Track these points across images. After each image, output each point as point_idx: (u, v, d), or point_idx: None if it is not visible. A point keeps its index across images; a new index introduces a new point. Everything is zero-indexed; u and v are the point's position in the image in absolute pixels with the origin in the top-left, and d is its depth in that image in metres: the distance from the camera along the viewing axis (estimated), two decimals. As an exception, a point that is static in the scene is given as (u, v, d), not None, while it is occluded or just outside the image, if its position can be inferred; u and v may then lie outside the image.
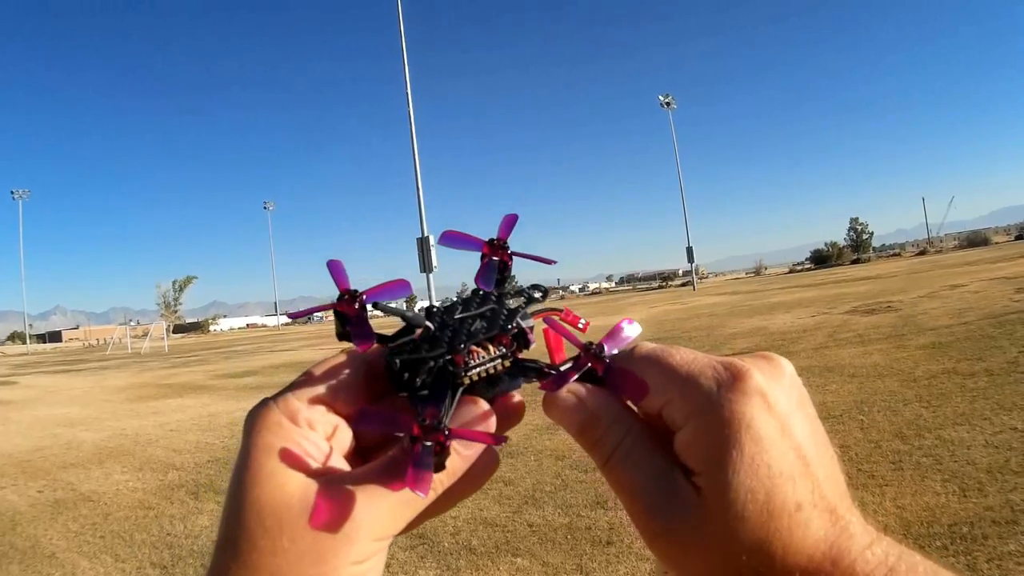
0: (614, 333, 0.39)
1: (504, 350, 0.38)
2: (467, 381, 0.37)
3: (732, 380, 0.32)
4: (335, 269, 0.38)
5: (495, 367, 0.38)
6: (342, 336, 0.37)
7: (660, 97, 61.90)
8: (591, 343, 0.38)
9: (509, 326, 0.39)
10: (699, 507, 0.31)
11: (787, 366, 0.35)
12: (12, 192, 73.17)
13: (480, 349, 0.38)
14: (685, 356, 0.35)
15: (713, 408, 0.32)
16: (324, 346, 25.75)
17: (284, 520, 0.31)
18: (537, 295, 0.41)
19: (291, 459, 0.33)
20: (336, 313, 0.37)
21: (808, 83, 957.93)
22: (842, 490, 0.33)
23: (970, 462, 3.90)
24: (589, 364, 0.37)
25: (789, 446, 0.31)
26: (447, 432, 0.33)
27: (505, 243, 0.40)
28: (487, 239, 0.40)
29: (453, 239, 0.40)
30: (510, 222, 0.42)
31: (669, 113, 60.68)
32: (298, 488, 0.32)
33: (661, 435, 0.35)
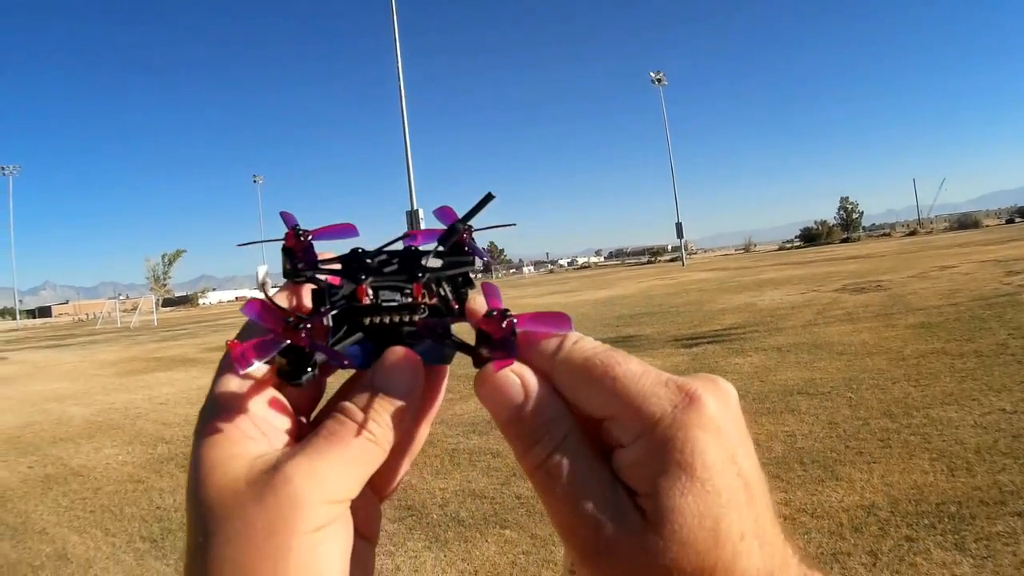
0: (543, 317, 0.34)
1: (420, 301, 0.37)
2: (367, 322, 0.36)
3: (687, 404, 0.31)
4: (286, 217, 0.39)
5: (405, 317, 0.36)
6: (288, 274, 0.38)
7: (651, 74, 61.47)
8: (494, 310, 0.34)
9: (420, 275, 0.37)
10: (644, 528, 0.30)
11: (732, 392, 0.34)
12: (2, 168, 71.41)
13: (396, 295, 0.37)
14: (634, 369, 0.32)
15: (667, 431, 0.30)
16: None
17: (234, 504, 0.30)
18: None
19: (232, 445, 0.32)
20: (284, 249, 0.38)
21: (800, 62, 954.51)
22: (777, 522, 0.32)
23: (958, 442, 3.93)
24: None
25: (736, 475, 0.31)
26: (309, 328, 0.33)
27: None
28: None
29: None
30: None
31: (660, 90, 60.37)
32: (243, 470, 0.31)
33: (597, 446, 0.33)
